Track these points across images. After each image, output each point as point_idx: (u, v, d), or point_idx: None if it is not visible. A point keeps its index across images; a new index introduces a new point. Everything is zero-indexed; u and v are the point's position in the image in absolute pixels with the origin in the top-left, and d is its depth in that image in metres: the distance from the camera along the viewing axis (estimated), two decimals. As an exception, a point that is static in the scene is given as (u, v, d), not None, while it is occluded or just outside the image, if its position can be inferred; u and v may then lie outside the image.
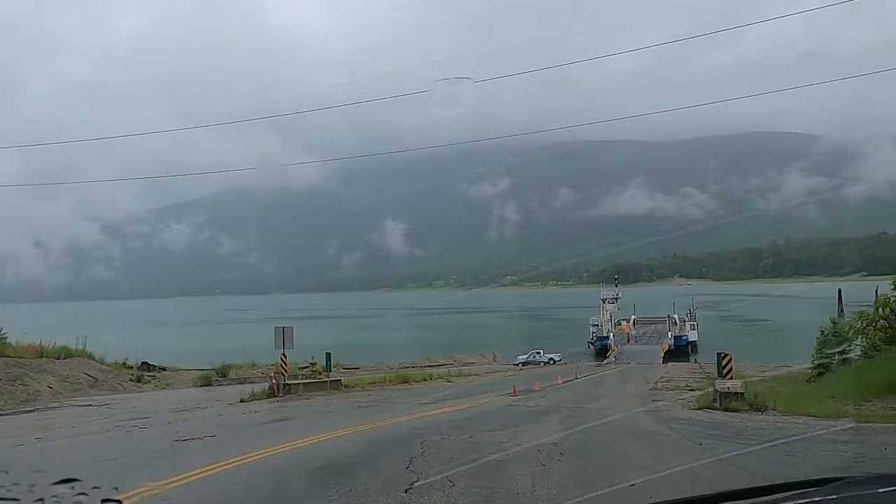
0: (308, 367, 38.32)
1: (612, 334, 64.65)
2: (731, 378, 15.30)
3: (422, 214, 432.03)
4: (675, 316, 69.61)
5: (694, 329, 65.09)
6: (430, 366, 47.62)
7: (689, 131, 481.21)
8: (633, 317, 75.49)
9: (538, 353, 54.21)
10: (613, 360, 54.88)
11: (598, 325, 67.45)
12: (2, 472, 1.90)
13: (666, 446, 9.19)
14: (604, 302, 71.13)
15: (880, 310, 23.87)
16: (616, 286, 76.63)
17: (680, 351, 59.69)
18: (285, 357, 20.87)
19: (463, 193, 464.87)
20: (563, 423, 12.11)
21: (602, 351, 61.14)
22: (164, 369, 38.24)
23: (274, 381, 20.01)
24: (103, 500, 1.80)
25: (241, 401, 19.32)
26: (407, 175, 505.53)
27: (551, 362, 52.23)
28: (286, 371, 20.94)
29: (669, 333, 63.50)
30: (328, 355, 23.20)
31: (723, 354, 15.75)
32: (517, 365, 50.69)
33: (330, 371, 23.36)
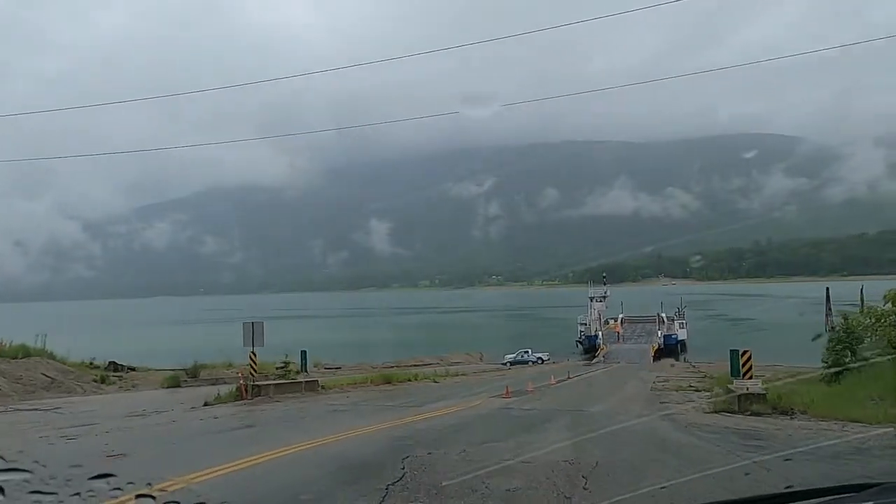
0: (283, 366, 36.28)
1: (600, 333, 63.55)
2: (750, 378, 13.67)
3: (407, 214, 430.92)
4: (663, 315, 68.54)
5: (683, 328, 64.12)
6: (415, 365, 46.24)
7: (674, 132, 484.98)
8: (620, 315, 74.39)
9: (526, 352, 53.13)
10: (602, 359, 53.69)
11: (586, 324, 66.43)
12: (40, 466, 1.86)
13: (706, 463, 7.41)
14: (591, 300, 70.08)
15: (890, 305, 22.89)
16: (605, 284, 75.41)
17: (669, 350, 58.85)
18: (255, 355, 18.90)
19: (447, 193, 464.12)
20: (570, 432, 10.39)
21: (591, 350, 60.04)
22: (133, 369, 36.13)
23: (242, 382, 18.05)
24: (138, 496, 1.82)
25: (205, 404, 17.38)
26: (392, 174, 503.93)
27: (540, 361, 51.32)
28: (255, 371, 18.97)
29: (659, 332, 62.46)
30: (303, 354, 21.32)
31: (742, 351, 14.11)
32: (505, 364, 49.64)
33: (306, 371, 21.43)
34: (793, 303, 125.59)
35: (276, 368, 34.31)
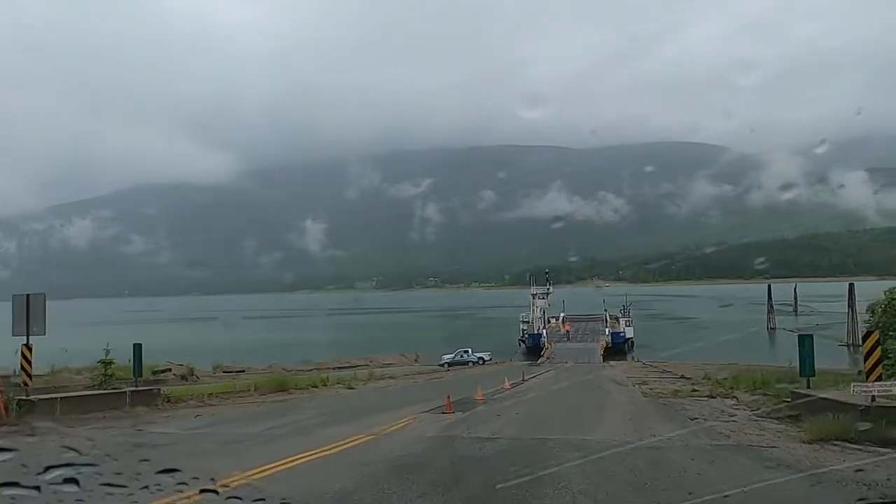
0: (163, 370, 28.68)
1: (545, 332, 59.63)
2: (878, 379, 7.78)
3: (343, 215, 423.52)
4: (607, 313, 65.67)
5: (630, 326, 60.90)
6: (339, 367, 41.30)
7: (606, 139, 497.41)
8: (562, 314, 71.56)
9: (466, 351, 48.34)
10: (547, 359, 49.08)
11: (529, 322, 62.50)
12: (112, 460, 2.00)
13: None
14: (534, 298, 66.34)
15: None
16: (548, 282, 71.27)
17: (618, 348, 55.62)
18: (29, 351, 11.49)
19: (385, 194, 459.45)
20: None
21: (535, 349, 56.10)
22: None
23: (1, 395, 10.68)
24: (201, 490, 1.92)
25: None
26: (327, 175, 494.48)
27: (481, 362, 46.94)
28: (30, 377, 11.54)
29: (607, 330, 59.54)
30: (136, 349, 13.96)
31: (866, 332, 8.23)
32: (442, 365, 44.48)
33: (139, 375, 14.09)
34: (725, 302, 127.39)
35: (153, 373, 27.53)
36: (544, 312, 65.62)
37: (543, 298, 67.26)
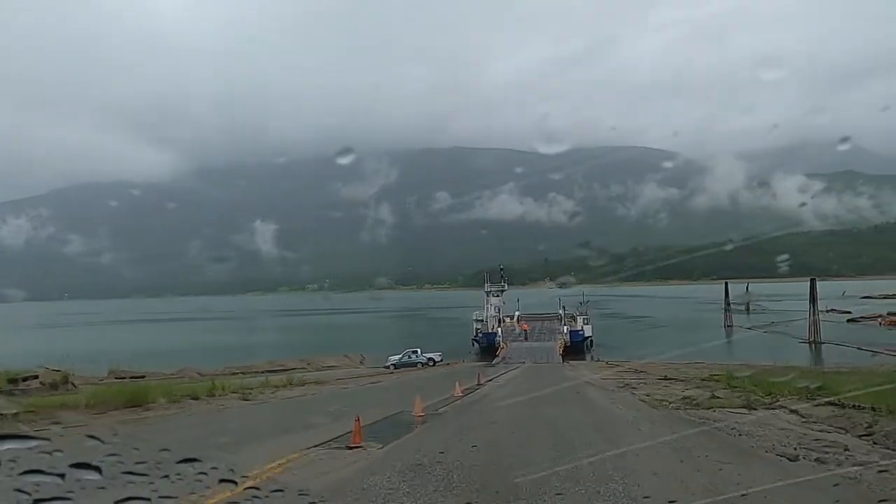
0: (25, 377, 23.03)
1: (500, 330, 56.19)
2: None
3: (294, 216, 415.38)
4: (564, 311, 63.93)
5: (588, 324, 58.13)
6: (270, 370, 37.20)
7: (557, 142, 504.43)
8: (517, 313, 68.81)
9: (414, 352, 45.07)
10: (502, 359, 45.41)
11: (483, 321, 59.20)
12: (133, 449, 1.91)
13: None
14: (488, 295, 63.19)
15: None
16: (503, 279, 67.82)
17: (576, 347, 52.76)
18: None
19: (337, 195, 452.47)
20: None
21: (489, 349, 53.29)
22: None
23: None
24: (220, 480, 1.94)
25: None
26: (277, 176, 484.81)
27: (431, 363, 43.77)
28: None
29: (565, 329, 56.80)
30: None
31: None
32: (388, 367, 40.19)
33: None
34: (672, 302, 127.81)
35: (10, 380, 22.23)
36: (499, 311, 63.25)
37: (498, 296, 64.46)
